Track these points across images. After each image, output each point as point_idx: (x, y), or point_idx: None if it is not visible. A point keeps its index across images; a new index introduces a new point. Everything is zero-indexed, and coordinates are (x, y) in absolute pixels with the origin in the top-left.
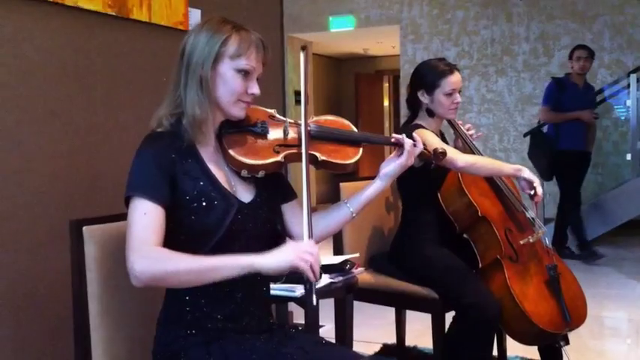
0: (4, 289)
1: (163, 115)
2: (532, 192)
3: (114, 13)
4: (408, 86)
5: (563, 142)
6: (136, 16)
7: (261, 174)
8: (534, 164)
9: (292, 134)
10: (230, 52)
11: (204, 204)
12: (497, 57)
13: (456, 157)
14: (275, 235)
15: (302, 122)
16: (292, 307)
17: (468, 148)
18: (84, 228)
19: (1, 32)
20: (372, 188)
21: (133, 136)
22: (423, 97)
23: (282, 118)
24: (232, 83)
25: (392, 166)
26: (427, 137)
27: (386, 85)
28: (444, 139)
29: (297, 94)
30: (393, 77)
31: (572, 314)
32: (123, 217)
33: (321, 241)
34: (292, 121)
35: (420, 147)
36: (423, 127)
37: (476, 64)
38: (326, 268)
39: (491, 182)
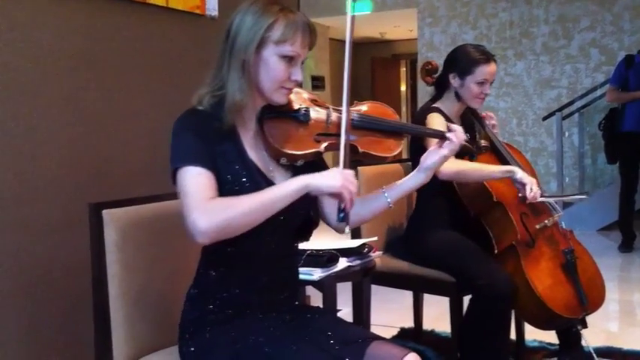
0: (20, 272)
1: (205, 94)
2: (525, 194)
3: None
4: (443, 66)
5: (627, 124)
6: (153, 0)
7: (300, 163)
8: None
9: (334, 122)
10: (275, 38)
11: (236, 188)
12: (515, 40)
13: (440, 169)
14: (307, 222)
15: (343, 111)
16: (309, 291)
17: (487, 136)
18: (103, 211)
19: (14, 17)
20: (412, 180)
21: (148, 121)
22: (454, 80)
23: (324, 104)
24: (275, 69)
25: (434, 158)
26: (434, 123)
27: (403, 69)
28: (469, 128)
29: (314, 79)
30: (410, 61)
31: (589, 298)
32: (140, 200)
33: (355, 227)
34: (335, 107)
35: (462, 136)
36: (439, 111)
37: (494, 47)
38: (344, 252)
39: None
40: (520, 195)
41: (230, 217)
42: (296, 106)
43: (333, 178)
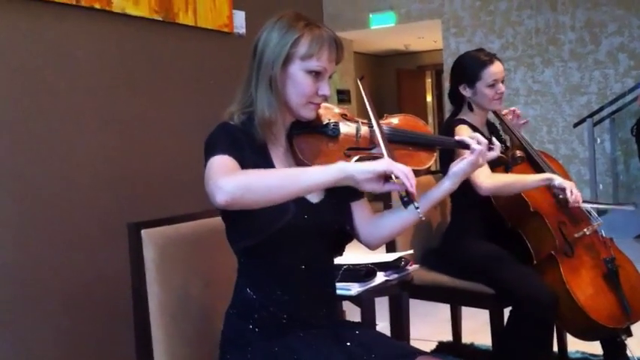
0: (60, 288)
1: (235, 111)
2: (567, 197)
3: (160, 18)
4: (450, 80)
5: None
6: (182, 20)
7: None
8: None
9: (364, 136)
10: (301, 53)
11: None
12: (542, 47)
13: (480, 184)
14: (342, 236)
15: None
16: (345, 305)
17: (516, 140)
18: (142, 231)
19: (50, 37)
20: (441, 189)
21: (183, 139)
22: (465, 91)
23: (354, 118)
24: (302, 85)
25: (461, 165)
26: (463, 133)
27: (428, 80)
28: (494, 131)
29: (340, 92)
30: (435, 72)
31: (632, 307)
32: (178, 219)
33: (385, 242)
34: (365, 121)
35: (496, 151)
36: (466, 122)
37: (521, 55)
38: (380, 266)
39: (541, 172)
40: (561, 197)
41: (252, 179)
42: (325, 121)
43: (377, 162)
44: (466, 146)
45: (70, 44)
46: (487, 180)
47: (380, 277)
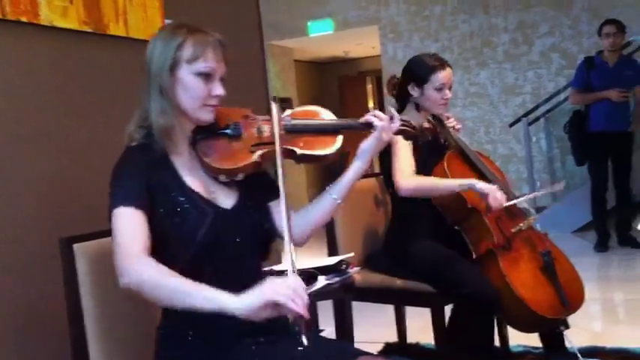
0: (1, 312)
1: (134, 130)
2: (488, 203)
3: (90, 30)
4: (389, 80)
5: (593, 124)
6: (113, 31)
7: (240, 177)
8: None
9: (267, 132)
10: (186, 57)
11: (177, 216)
12: (477, 50)
13: (399, 184)
14: (265, 238)
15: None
16: None
17: (452, 142)
18: (74, 245)
19: None
20: (352, 170)
21: (119, 152)
22: (414, 91)
23: (256, 116)
24: (193, 88)
25: (368, 142)
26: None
27: (369, 86)
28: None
29: (282, 101)
30: (375, 78)
31: (569, 298)
32: (111, 232)
33: (312, 235)
34: (267, 118)
35: (396, 123)
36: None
37: (457, 58)
38: (322, 270)
39: (478, 172)
40: (485, 205)
41: (153, 288)
42: (225, 123)
43: (257, 290)
44: (370, 125)
45: (1, 60)
46: (406, 181)
47: (321, 281)
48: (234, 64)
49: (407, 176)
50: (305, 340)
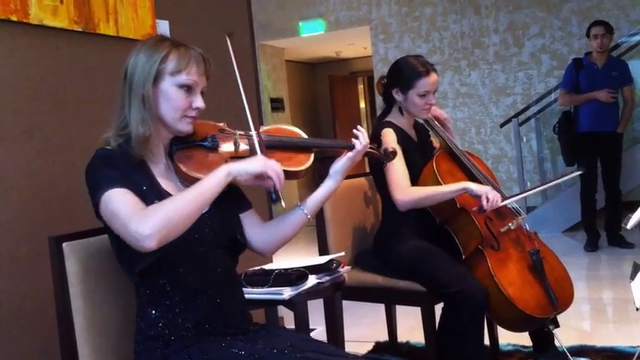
0: None
1: (111, 136)
2: (482, 205)
3: (80, 29)
4: (379, 80)
5: (582, 125)
6: (103, 30)
7: None
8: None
9: (243, 146)
10: (170, 69)
11: None
12: (468, 50)
13: (398, 200)
14: (235, 245)
15: (252, 131)
16: (282, 312)
17: (443, 142)
18: (64, 244)
19: None
20: (324, 189)
21: None
22: (397, 95)
23: (231, 130)
24: (175, 99)
25: (341, 162)
26: (387, 139)
27: (361, 86)
28: (424, 135)
29: (273, 100)
30: (367, 78)
31: (558, 297)
32: (102, 231)
33: (279, 248)
34: (242, 132)
35: (358, 146)
36: (392, 125)
37: (448, 58)
38: (312, 269)
39: (468, 172)
40: (478, 207)
41: (168, 214)
42: (203, 135)
43: (255, 160)
44: (352, 147)
45: None
46: (404, 196)
47: (312, 280)
48: (225, 63)
49: (404, 190)
50: (283, 202)
